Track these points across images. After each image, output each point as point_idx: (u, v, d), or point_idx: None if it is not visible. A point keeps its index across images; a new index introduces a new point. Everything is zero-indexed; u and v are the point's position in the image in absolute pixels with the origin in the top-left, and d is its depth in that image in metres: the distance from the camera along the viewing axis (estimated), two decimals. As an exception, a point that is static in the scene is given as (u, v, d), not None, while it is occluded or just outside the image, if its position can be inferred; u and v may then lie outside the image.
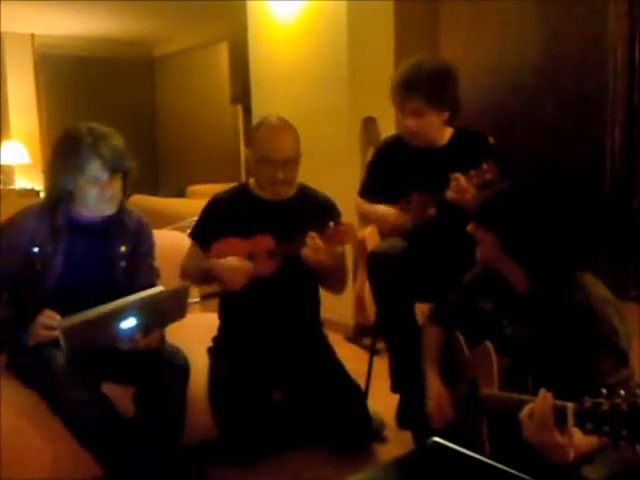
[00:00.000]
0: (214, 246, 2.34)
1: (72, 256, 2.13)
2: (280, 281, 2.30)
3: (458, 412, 1.91)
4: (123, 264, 2.21)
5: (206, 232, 2.42)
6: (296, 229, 2.20)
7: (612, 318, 1.59)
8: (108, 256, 2.19)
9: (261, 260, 2.26)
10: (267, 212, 2.37)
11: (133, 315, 1.94)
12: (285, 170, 2.29)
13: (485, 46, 3.51)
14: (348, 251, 3.52)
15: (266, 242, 2.27)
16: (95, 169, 2.06)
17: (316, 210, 2.37)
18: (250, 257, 2.28)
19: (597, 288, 1.67)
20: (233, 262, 2.25)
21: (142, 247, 2.28)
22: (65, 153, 2.09)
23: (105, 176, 2.07)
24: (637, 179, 3.08)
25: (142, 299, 1.98)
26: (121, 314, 1.93)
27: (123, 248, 2.21)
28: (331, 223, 2.16)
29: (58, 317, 1.96)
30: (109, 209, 2.15)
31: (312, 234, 2.14)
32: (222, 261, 2.27)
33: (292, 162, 2.31)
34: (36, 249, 2.09)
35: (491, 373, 1.72)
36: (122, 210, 2.22)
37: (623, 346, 1.57)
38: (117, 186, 2.13)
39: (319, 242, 2.13)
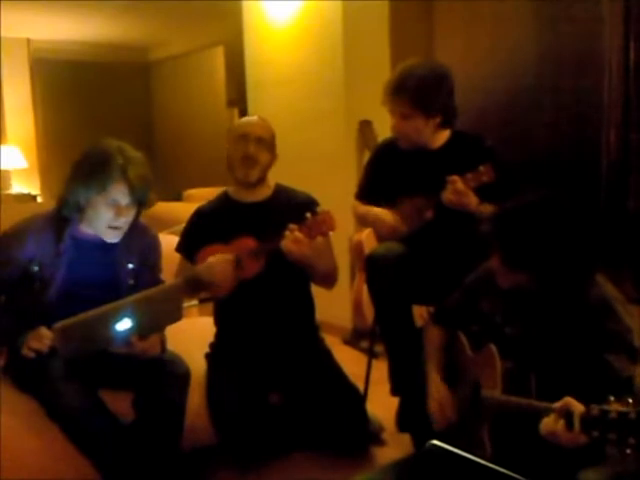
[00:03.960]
0: (198, 255, 2.34)
1: (74, 276, 2.07)
2: (269, 282, 2.31)
3: (460, 414, 1.91)
4: (131, 282, 2.16)
5: (191, 244, 2.42)
6: (277, 228, 2.19)
7: (625, 316, 1.61)
8: (114, 274, 2.13)
9: (246, 261, 2.26)
10: (247, 215, 2.39)
11: (127, 316, 1.92)
12: (257, 148, 2.34)
13: (481, 47, 3.51)
14: (345, 253, 3.53)
15: (248, 243, 2.28)
16: (118, 193, 1.99)
17: (295, 206, 2.36)
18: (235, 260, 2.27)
19: (608, 287, 1.68)
20: (214, 260, 2.24)
21: (150, 262, 2.23)
22: (92, 168, 2.00)
23: (125, 202, 2.01)
24: (633, 180, 3.09)
25: (135, 299, 1.96)
26: (115, 314, 1.91)
27: (130, 265, 2.16)
28: (308, 214, 2.16)
29: (49, 339, 1.90)
30: (114, 238, 2.08)
31: (291, 226, 2.15)
32: (204, 263, 2.26)
33: (264, 144, 2.37)
34: (36, 267, 2.03)
35: (495, 376, 1.72)
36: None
37: (635, 344, 1.58)
38: (130, 215, 2.07)
39: (298, 234, 2.13)
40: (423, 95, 2.32)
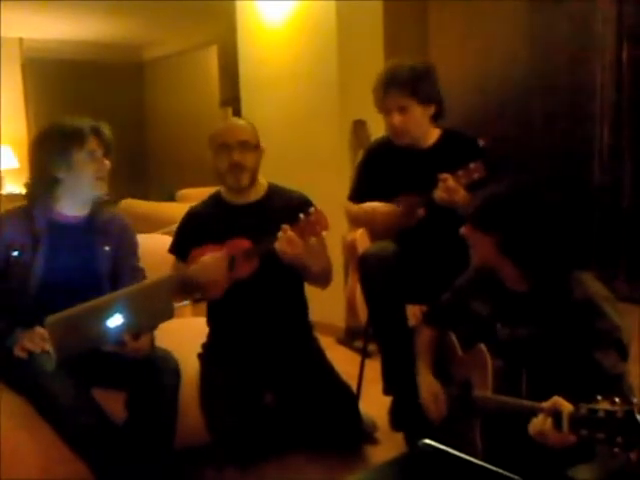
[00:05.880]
0: (191, 256, 2.34)
1: (54, 258, 2.12)
2: (262, 283, 2.30)
3: (451, 413, 1.91)
4: (107, 265, 2.21)
5: (184, 245, 2.42)
6: (270, 228, 2.19)
7: (612, 313, 1.61)
8: (91, 256, 2.19)
9: (239, 262, 2.26)
10: (240, 216, 2.37)
11: (119, 312, 1.90)
12: (242, 154, 2.30)
13: (475, 46, 3.53)
14: (338, 252, 3.53)
15: (242, 244, 2.27)
16: (93, 144, 2.13)
17: (288, 206, 2.35)
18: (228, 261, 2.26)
19: (595, 285, 1.69)
20: (207, 259, 2.24)
21: (125, 247, 2.28)
22: (59, 134, 2.13)
23: (100, 153, 2.14)
24: (626, 178, 3.10)
25: (126, 293, 1.96)
26: (107, 309, 1.89)
27: (107, 248, 2.22)
28: (301, 214, 2.16)
29: (44, 340, 1.93)
30: (102, 188, 2.18)
31: (284, 227, 2.14)
32: (197, 263, 2.26)
33: (248, 147, 2.32)
34: (15, 253, 2.08)
35: (485, 375, 1.73)
36: (103, 211, 2.24)
37: (624, 341, 1.59)
38: (108, 165, 2.18)
39: (291, 234, 2.13)
40: (417, 84, 2.35)
